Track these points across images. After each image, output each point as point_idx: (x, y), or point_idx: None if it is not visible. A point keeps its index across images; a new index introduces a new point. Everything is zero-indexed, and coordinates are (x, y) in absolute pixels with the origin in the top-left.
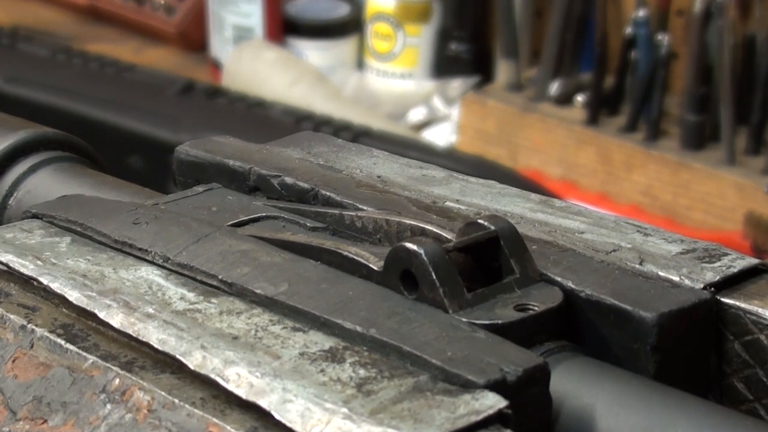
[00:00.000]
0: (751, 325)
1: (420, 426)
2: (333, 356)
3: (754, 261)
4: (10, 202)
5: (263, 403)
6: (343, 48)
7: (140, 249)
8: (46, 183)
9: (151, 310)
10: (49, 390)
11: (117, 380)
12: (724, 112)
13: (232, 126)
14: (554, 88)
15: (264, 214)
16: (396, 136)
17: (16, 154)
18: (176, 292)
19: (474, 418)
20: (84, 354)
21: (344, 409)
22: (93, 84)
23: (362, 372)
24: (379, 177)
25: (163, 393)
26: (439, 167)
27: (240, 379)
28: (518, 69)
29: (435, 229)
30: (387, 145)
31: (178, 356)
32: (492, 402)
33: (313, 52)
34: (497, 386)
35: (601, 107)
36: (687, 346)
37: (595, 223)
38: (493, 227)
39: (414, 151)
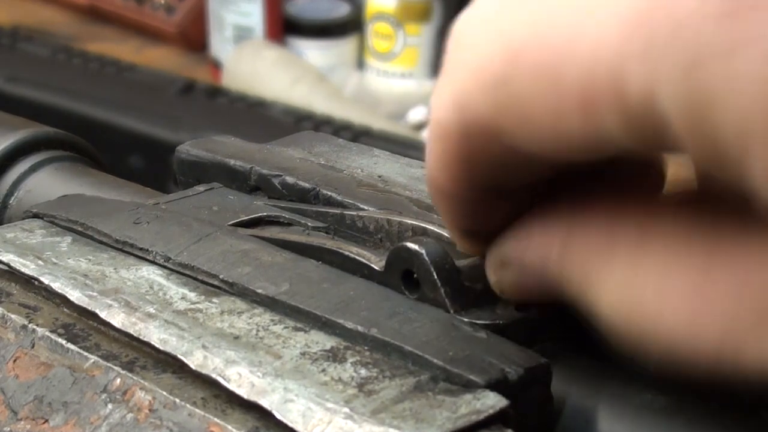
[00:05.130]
0: None
1: (421, 426)
2: (334, 356)
3: None
4: (10, 202)
5: (264, 402)
6: (343, 48)
7: (141, 249)
8: (46, 182)
9: (152, 310)
10: (50, 390)
11: (118, 380)
12: None
13: (232, 126)
14: None
15: (265, 214)
16: (396, 136)
17: (17, 153)
18: (177, 292)
19: (475, 418)
20: (85, 354)
21: (345, 409)
22: (93, 84)
23: (363, 372)
24: (380, 177)
25: (164, 393)
26: None
27: (241, 378)
28: None
29: (436, 229)
30: (387, 145)
31: (179, 356)
32: (493, 402)
33: (314, 51)
34: (499, 386)
35: None
36: None
37: None
38: None
39: (414, 150)
